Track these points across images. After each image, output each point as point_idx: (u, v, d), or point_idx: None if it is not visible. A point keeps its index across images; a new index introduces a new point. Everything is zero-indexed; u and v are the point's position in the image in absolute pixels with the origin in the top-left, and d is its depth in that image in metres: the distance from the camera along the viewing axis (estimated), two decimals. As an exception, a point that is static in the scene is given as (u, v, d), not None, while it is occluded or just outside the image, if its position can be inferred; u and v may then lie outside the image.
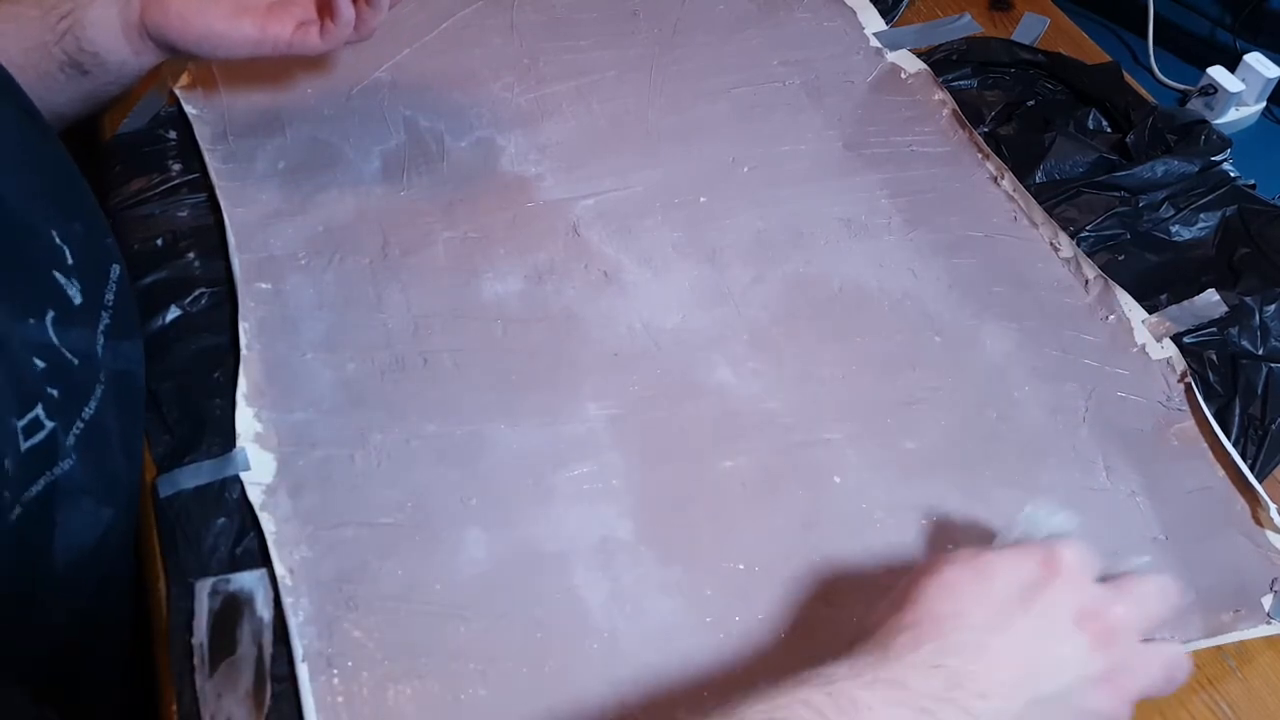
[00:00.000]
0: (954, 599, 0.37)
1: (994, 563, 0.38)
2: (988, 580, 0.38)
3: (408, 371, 0.55)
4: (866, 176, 0.65)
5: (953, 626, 0.36)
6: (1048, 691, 0.36)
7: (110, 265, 0.51)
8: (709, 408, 0.54)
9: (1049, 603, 0.37)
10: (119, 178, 0.64)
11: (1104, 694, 0.37)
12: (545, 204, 0.63)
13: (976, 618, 0.36)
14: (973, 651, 0.36)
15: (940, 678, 0.35)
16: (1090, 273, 0.60)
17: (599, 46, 0.73)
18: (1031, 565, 0.38)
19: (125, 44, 0.57)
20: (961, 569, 0.38)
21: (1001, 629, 0.36)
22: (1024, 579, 0.38)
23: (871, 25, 0.76)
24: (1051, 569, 0.38)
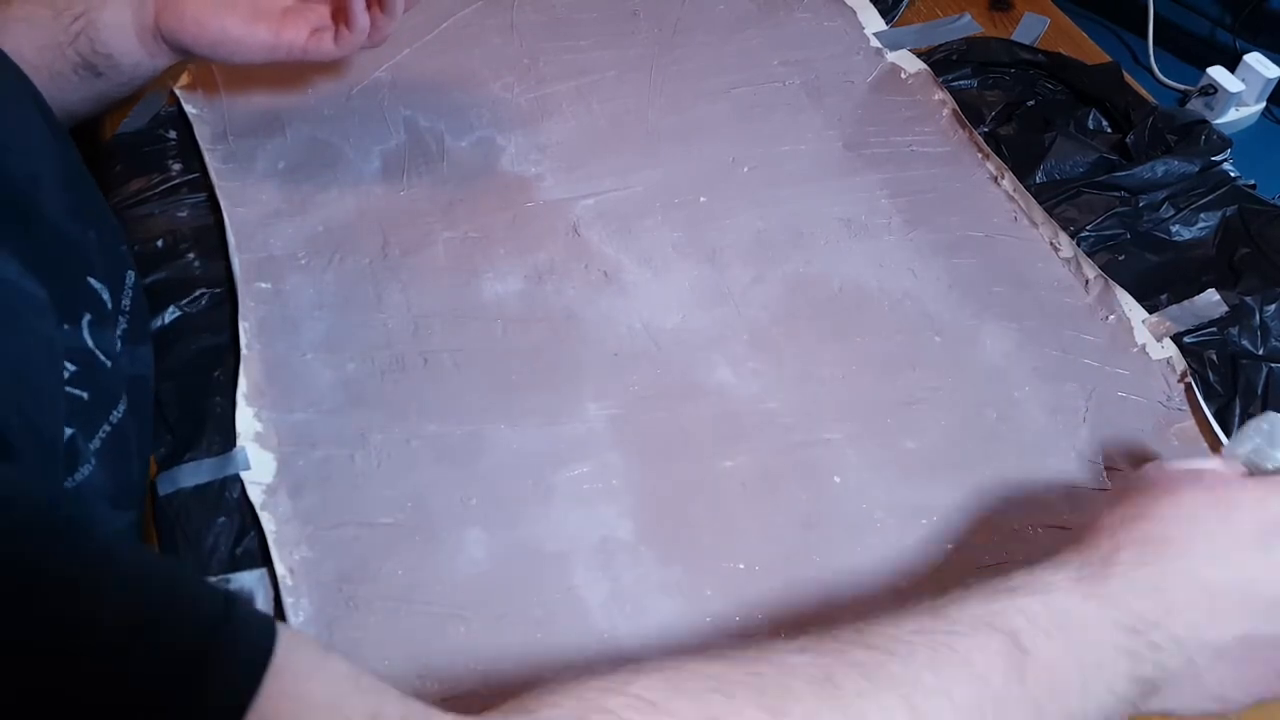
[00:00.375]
0: (1189, 525, 0.36)
1: (1237, 496, 0.37)
2: (1227, 513, 0.36)
3: (408, 371, 0.55)
4: (866, 176, 0.65)
5: (1180, 552, 0.35)
6: (1265, 631, 0.35)
7: (125, 271, 0.51)
8: (709, 408, 0.54)
9: None
10: (119, 178, 0.64)
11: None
12: (545, 204, 0.63)
13: (1207, 548, 0.35)
14: (1199, 581, 0.35)
15: (1158, 603, 0.34)
16: (1090, 273, 0.60)
17: (599, 46, 0.73)
18: (1276, 505, 0.36)
19: (139, 46, 0.57)
20: (1203, 495, 0.37)
21: (1231, 566, 0.35)
22: (1265, 519, 0.36)
23: (871, 25, 0.76)
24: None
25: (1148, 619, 0.34)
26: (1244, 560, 0.35)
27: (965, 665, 0.32)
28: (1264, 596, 0.35)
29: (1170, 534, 0.36)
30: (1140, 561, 0.35)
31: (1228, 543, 0.36)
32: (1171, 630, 0.34)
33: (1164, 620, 0.34)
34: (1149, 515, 0.36)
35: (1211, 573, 0.35)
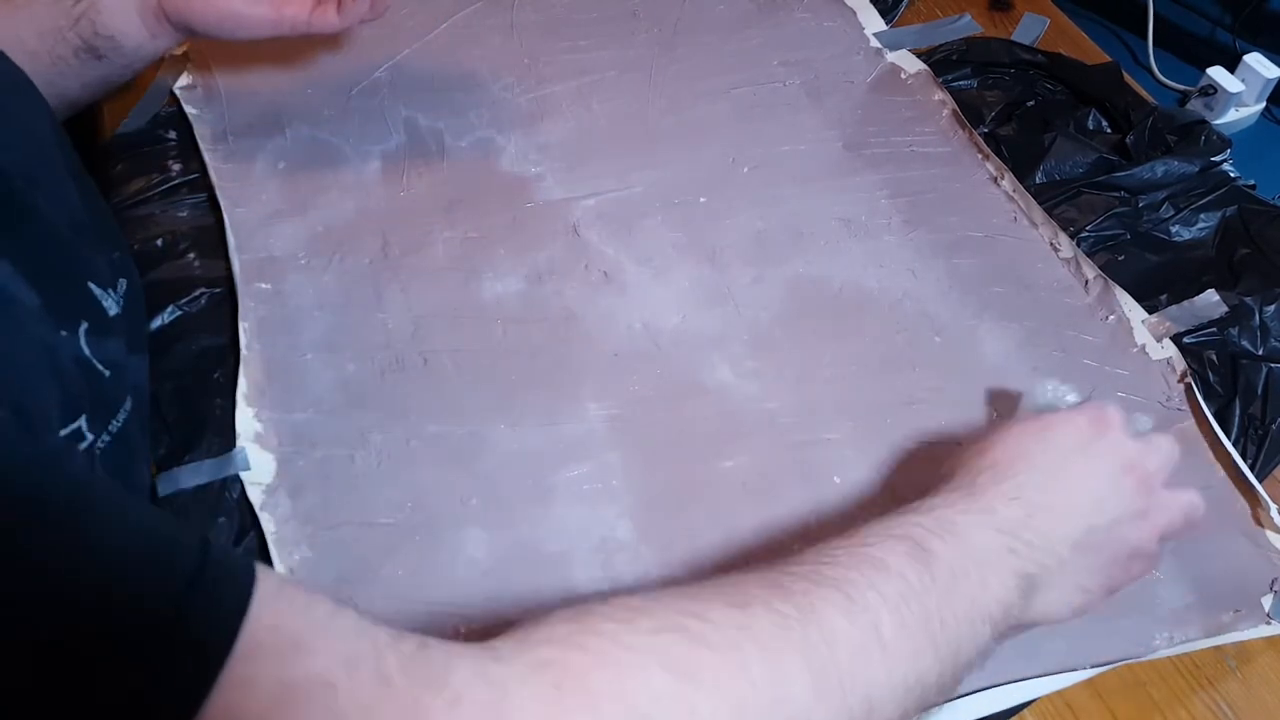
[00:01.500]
0: (1022, 446, 0.43)
1: (1053, 420, 0.45)
2: (1049, 433, 0.44)
3: (408, 371, 0.55)
4: (866, 176, 0.65)
5: (1024, 467, 0.42)
6: (1101, 523, 0.42)
7: (120, 279, 0.51)
8: (709, 408, 0.54)
9: (1101, 452, 0.43)
10: (119, 178, 0.64)
11: (1140, 529, 0.43)
12: (545, 204, 0.63)
13: (1043, 461, 0.43)
14: (1043, 488, 0.42)
15: (1019, 508, 0.40)
16: (1090, 273, 0.60)
17: (599, 46, 0.73)
18: (1084, 422, 0.44)
19: (141, 27, 0.57)
20: (1027, 424, 0.45)
21: (1065, 470, 0.42)
22: (1079, 432, 0.44)
23: (871, 25, 0.76)
24: (1101, 426, 0.44)
25: (1015, 521, 0.40)
26: (1071, 468, 0.43)
27: (882, 565, 0.37)
28: (1091, 493, 0.42)
29: (1013, 454, 0.43)
30: (997, 480, 0.42)
31: (1056, 455, 0.43)
32: (1036, 530, 0.40)
33: (1028, 522, 0.40)
34: (990, 447, 0.44)
35: (1051, 482, 0.42)
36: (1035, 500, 0.41)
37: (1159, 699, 0.47)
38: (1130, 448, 0.44)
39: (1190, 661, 0.48)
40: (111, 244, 0.52)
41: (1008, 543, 0.39)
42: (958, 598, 0.37)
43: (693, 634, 0.32)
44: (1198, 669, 0.48)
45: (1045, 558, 0.40)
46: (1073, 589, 0.42)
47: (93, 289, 0.45)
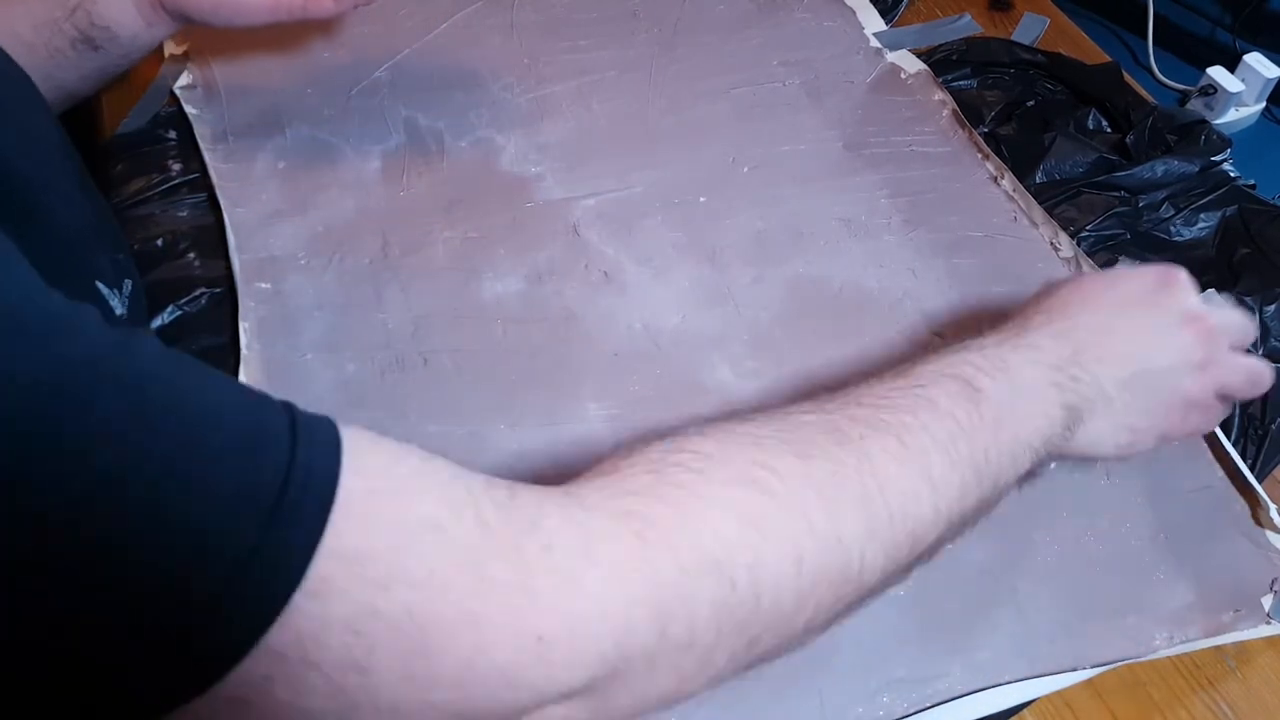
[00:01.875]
0: (1082, 292, 0.45)
1: (1119, 273, 0.47)
2: (1114, 284, 0.46)
3: (408, 371, 0.55)
4: (866, 176, 0.65)
5: (1080, 310, 0.44)
6: (1155, 367, 0.44)
7: (124, 280, 0.51)
8: (709, 408, 0.54)
9: (1162, 302, 0.45)
10: (119, 178, 0.64)
11: (1197, 379, 0.45)
12: (545, 204, 0.63)
13: (1102, 306, 0.45)
14: (1097, 330, 0.44)
15: (1068, 345, 0.43)
16: (1090, 273, 0.60)
17: (599, 46, 0.73)
18: (1151, 277, 0.46)
19: (137, 16, 0.57)
20: (1091, 275, 0.47)
21: (1121, 316, 0.44)
22: (1144, 285, 0.46)
23: (871, 25, 0.76)
24: (1166, 281, 0.46)
25: (1064, 357, 0.42)
26: (1127, 313, 0.45)
27: (934, 407, 0.39)
28: (1145, 338, 0.44)
29: (1070, 299, 0.45)
30: (1048, 320, 0.44)
31: (1115, 302, 0.45)
32: (1085, 365, 0.42)
33: (1076, 358, 0.42)
34: (1051, 293, 0.46)
35: (1107, 322, 0.44)
36: (1085, 339, 0.43)
37: (1159, 699, 0.47)
38: (1194, 302, 0.45)
39: (1190, 661, 0.48)
40: (115, 245, 0.52)
41: (1054, 377, 0.42)
42: (1002, 432, 0.40)
43: (761, 485, 0.35)
44: (1198, 669, 0.48)
45: (1091, 393, 0.42)
46: (1119, 427, 0.44)
47: (100, 289, 0.45)
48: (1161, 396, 0.44)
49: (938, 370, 0.41)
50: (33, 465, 0.25)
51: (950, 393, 0.40)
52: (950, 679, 0.46)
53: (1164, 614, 0.48)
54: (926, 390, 0.40)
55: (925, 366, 0.41)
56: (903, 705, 0.45)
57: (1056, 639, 0.47)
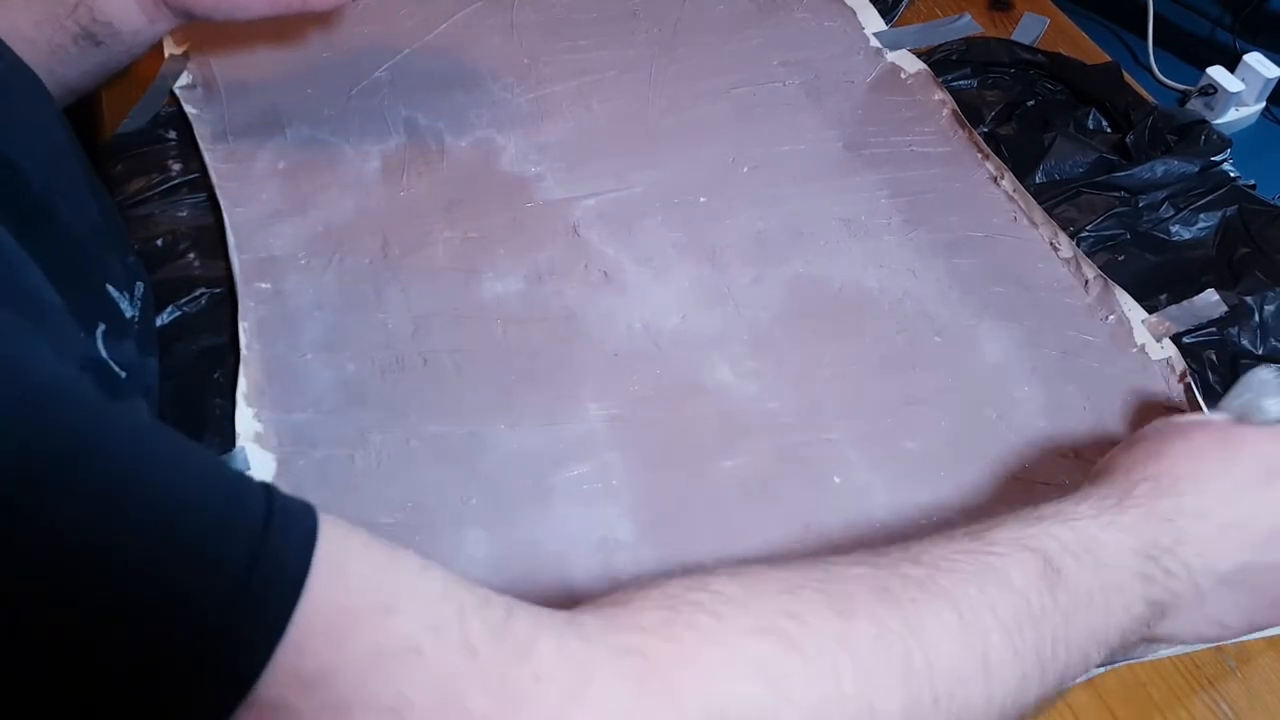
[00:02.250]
0: (1197, 462, 0.40)
1: (1242, 437, 0.41)
2: (1233, 453, 0.40)
3: (408, 371, 0.55)
4: (866, 176, 0.65)
5: (1190, 488, 0.39)
6: (1263, 561, 0.39)
7: (135, 282, 0.51)
8: (709, 408, 0.54)
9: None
10: (119, 178, 0.64)
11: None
12: (545, 204, 0.63)
13: (1215, 485, 0.39)
14: (1205, 514, 0.38)
15: (1170, 532, 0.38)
16: (1090, 273, 0.60)
17: (599, 46, 0.73)
18: (1273, 449, 0.40)
19: (139, 12, 0.57)
20: (1210, 437, 0.41)
21: (1235, 500, 0.39)
22: (1268, 459, 0.40)
23: (871, 25, 0.76)
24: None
25: (1162, 546, 0.37)
26: (1246, 497, 0.39)
27: (1005, 582, 0.34)
28: (1263, 529, 0.39)
29: (1181, 471, 0.39)
30: (1155, 495, 0.38)
31: (1232, 480, 0.39)
32: (1182, 558, 0.37)
33: (1176, 548, 0.37)
34: (1163, 454, 0.40)
35: (1218, 507, 0.38)
36: (1191, 528, 0.38)
37: (1159, 699, 0.47)
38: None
39: (1190, 661, 0.48)
40: (124, 247, 0.52)
41: (1145, 568, 0.37)
42: (1077, 626, 0.35)
43: (789, 640, 0.31)
44: (1198, 669, 0.48)
45: (1183, 587, 0.38)
46: (1206, 622, 0.39)
47: (110, 291, 0.45)
48: (1264, 591, 0.39)
49: (1015, 539, 0.36)
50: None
51: (1026, 569, 0.35)
52: (950, 679, 0.46)
53: (1164, 614, 0.48)
54: (999, 560, 0.35)
55: (1001, 531, 0.37)
56: (903, 705, 0.45)
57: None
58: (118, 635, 0.24)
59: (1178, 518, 0.38)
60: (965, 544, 0.36)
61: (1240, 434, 0.41)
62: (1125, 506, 0.38)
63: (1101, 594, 0.36)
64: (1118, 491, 0.39)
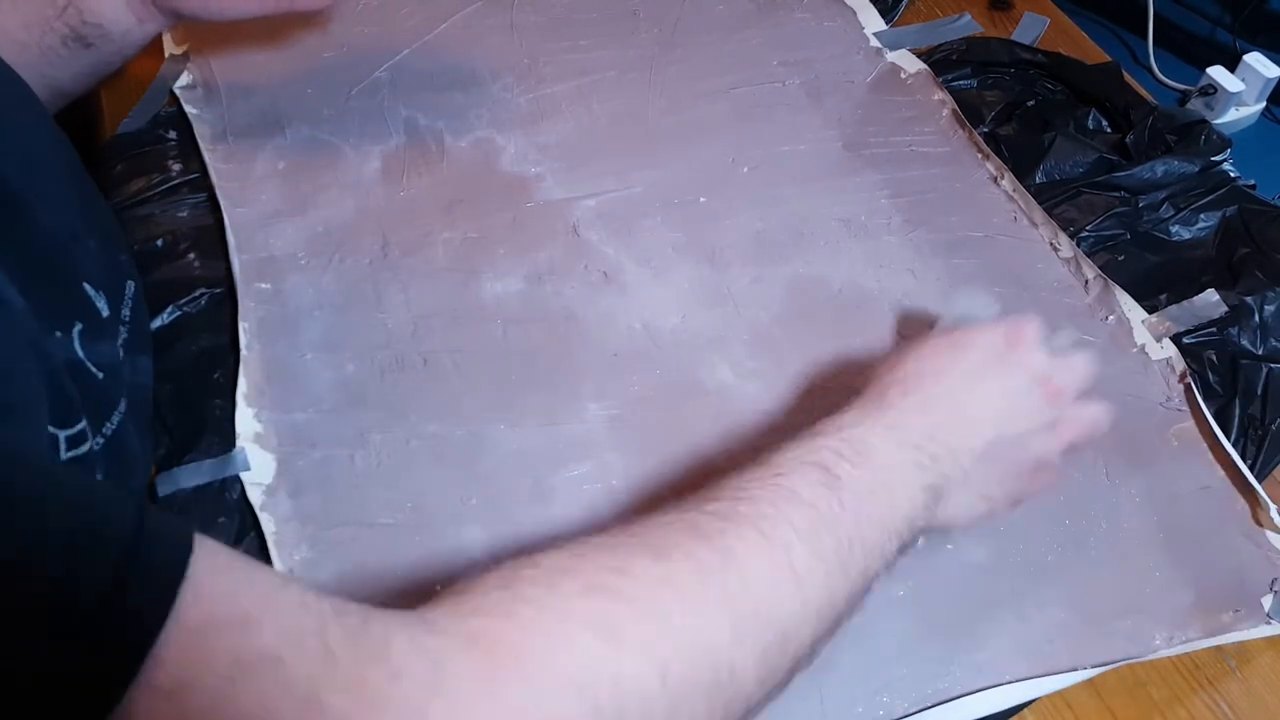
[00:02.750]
0: (935, 360, 0.45)
1: (968, 335, 0.46)
2: (963, 348, 0.45)
3: (407, 371, 0.55)
4: (866, 176, 0.65)
5: (934, 381, 0.44)
6: (1009, 435, 0.44)
7: (126, 281, 0.51)
8: (709, 408, 0.54)
9: (1013, 366, 0.45)
10: (119, 178, 0.64)
11: (1048, 439, 0.45)
12: (545, 204, 0.63)
13: (955, 375, 0.44)
14: (952, 402, 0.43)
15: (928, 421, 0.42)
16: (1090, 273, 0.60)
17: (599, 46, 0.73)
18: (999, 336, 0.45)
19: (128, 12, 0.56)
20: (941, 339, 0.46)
21: (975, 384, 0.44)
22: (995, 347, 0.45)
23: (871, 25, 0.76)
24: (1015, 340, 0.45)
25: (923, 434, 0.42)
26: (982, 382, 0.44)
27: (795, 497, 0.38)
28: (999, 406, 0.44)
29: (924, 369, 0.44)
30: (906, 393, 0.43)
31: (967, 368, 0.44)
32: (942, 442, 0.42)
33: (936, 434, 0.42)
34: (905, 360, 0.45)
35: (961, 393, 0.43)
36: (943, 413, 0.43)
37: (1159, 699, 0.47)
38: (1043, 362, 0.45)
39: (1190, 661, 0.48)
40: (115, 247, 0.52)
41: (915, 457, 0.41)
42: (866, 521, 0.39)
43: (616, 592, 0.33)
44: (1198, 669, 0.48)
45: (950, 469, 0.42)
46: (976, 498, 0.44)
47: (87, 290, 0.45)
48: (1015, 463, 0.44)
49: (796, 457, 0.40)
50: None
51: (810, 481, 0.39)
52: (950, 679, 0.46)
53: (1164, 614, 0.48)
54: (785, 479, 0.39)
55: (784, 454, 0.40)
56: (903, 705, 0.45)
57: (1056, 639, 0.47)
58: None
59: (930, 409, 0.43)
60: (755, 472, 0.39)
61: (965, 331, 0.46)
62: (884, 408, 0.43)
63: (883, 489, 0.40)
64: (875, 398, 0.43)
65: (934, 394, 0.43)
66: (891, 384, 0.44)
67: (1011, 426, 0.44)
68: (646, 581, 0.34)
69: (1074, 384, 0.46)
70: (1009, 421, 0.44)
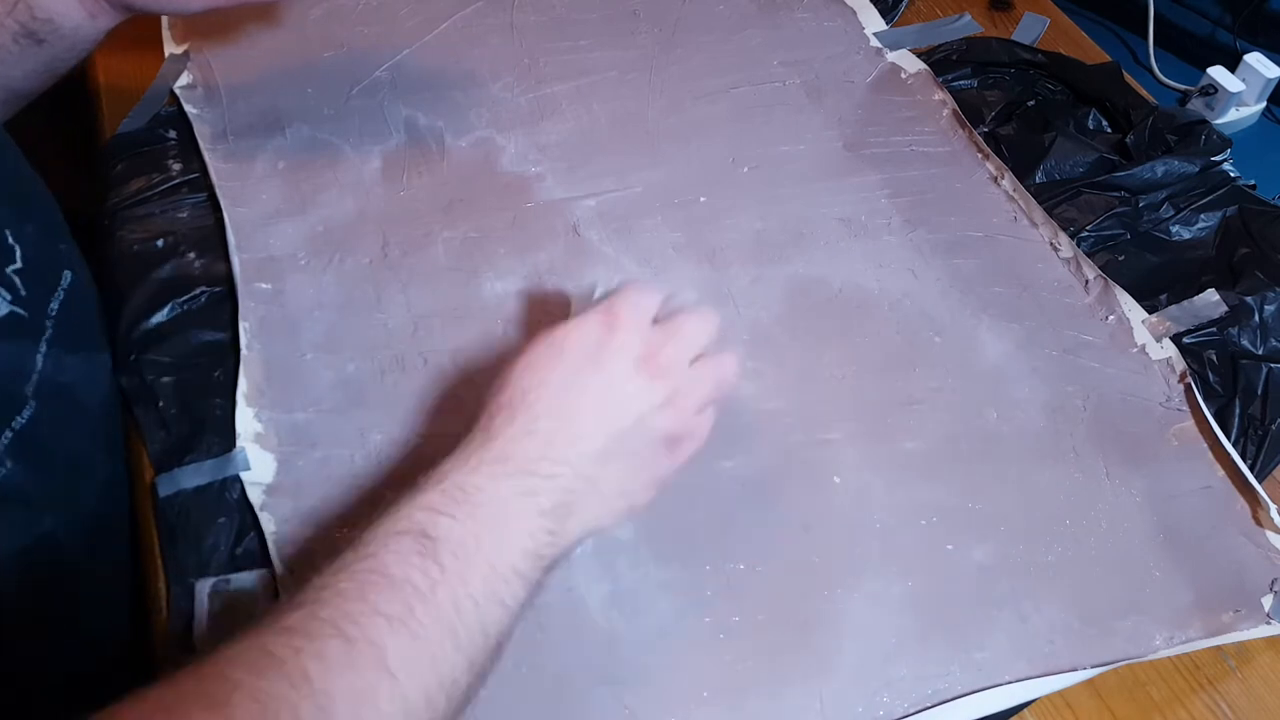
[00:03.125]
0: (536, 372, 0.43)
1: (564, 333, 0.44)
2: (560, 349, 0.43)
3: (408, 371, 0.55)
4: (866, 176, 0.65)
5: (537, 396, 0.42)
6: (624, 425, 0.42)
7: (62, 271, 0.50)
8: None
9: (612, 355, 0.43)
10: (119, 178, 0.64)
11: (668, 416, 0.43)
12: (545, 204, 0.63)
13: (555, 384, 0.42)
14: (557, 412, 0.42)
15: (536, 441, 0.41)
16: (1090, 273, 0.60)
17: (599, 46, 0.73)
18: (594, 326, 0.44)
19: (79, 7, 0.56)
20: (538, 346, 0.44)
21: (576, 385, 0.42)
22: (590, 340, 0.43)
23: (871, 25, 0.76)
24: (611, 325, 0.44)
25: (533, 457, 0.40)
26: (582, 381, 0.42)
27: (386, 579, 0.36)
28: (602, 405, 0.42)
29: (526, 385, 0.42)
30: (511, 417, 0.41)
31: (567, 372, 0.42)
32: (556, 459, 0.40)
33: (547, 453, 0.40)
34: (507, 379, 0.43)
35: (565, 397, 0.42)
36: (550, 428, 0.41)
37: (1159, 699, 0.47)
38: (639, 341, 0.44)
39: (1190, 661, 0.48)
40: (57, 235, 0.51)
41: (527, 484, 0.40)
42: (475, 574, 0.37)
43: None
44: (1198, 669, 0.48)
45: (571, 483, 0.41)
46: (613, 496, 0.42)
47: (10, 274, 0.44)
48: (642, 451, 0.43)
49: (388, 529, 0.38)
50: None
51: (402, 553, 0.37)
52: (950, 679, 0.46)
53: (1164, 614, 0.48)
54: (375, 559, 0.36)
55: (376, 528, 0.38)
56: (903, 705, 0.45)
57: (1056, 639, 0.47)
58: None
59: (535, 428, 0.41)
60: (346, 559, 0.37)
61: (562, 329, 0.44)
62: (489, 440, 0.41)
63: (491, 533, 0.38)
64: (481, 431, 0.42)
65: (537, 411, 0.41)
66: (497, 411, 0.42)
67: (622, 420, 0.42)
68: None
69: (684, 351, 0.44)
70: (618, 416, 0.42)
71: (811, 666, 0.46)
